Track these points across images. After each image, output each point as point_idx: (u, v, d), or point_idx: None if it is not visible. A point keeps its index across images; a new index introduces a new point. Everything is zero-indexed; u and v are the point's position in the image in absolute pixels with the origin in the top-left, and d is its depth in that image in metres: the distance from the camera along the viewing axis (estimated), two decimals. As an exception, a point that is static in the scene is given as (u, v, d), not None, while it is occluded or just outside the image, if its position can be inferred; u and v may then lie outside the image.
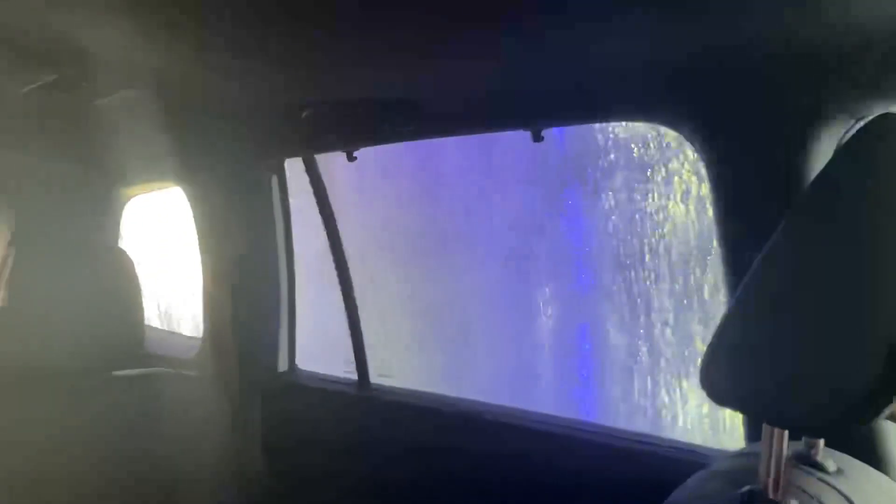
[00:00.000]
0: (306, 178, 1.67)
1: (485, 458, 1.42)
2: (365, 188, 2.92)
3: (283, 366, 1.81)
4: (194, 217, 1.74)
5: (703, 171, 1.12)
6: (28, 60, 1.17)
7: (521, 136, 1.35)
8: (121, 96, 1.38)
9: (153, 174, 1.87)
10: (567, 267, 2.91)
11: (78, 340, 1.40)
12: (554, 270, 2.92)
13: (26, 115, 1.48)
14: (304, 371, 1.84)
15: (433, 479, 1.49)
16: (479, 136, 1.75)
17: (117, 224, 2.05)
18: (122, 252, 1.51)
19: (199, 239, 1.74)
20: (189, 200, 1.74)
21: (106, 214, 2.00)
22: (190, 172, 1.71)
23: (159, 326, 2.86)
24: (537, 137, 1.31)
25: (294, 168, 1.72)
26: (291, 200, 1.78)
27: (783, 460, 0.63)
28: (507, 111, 1.32)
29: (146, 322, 1.56)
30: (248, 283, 1.74)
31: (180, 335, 2.21)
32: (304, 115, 1.49)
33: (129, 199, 2.04)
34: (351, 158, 1.55)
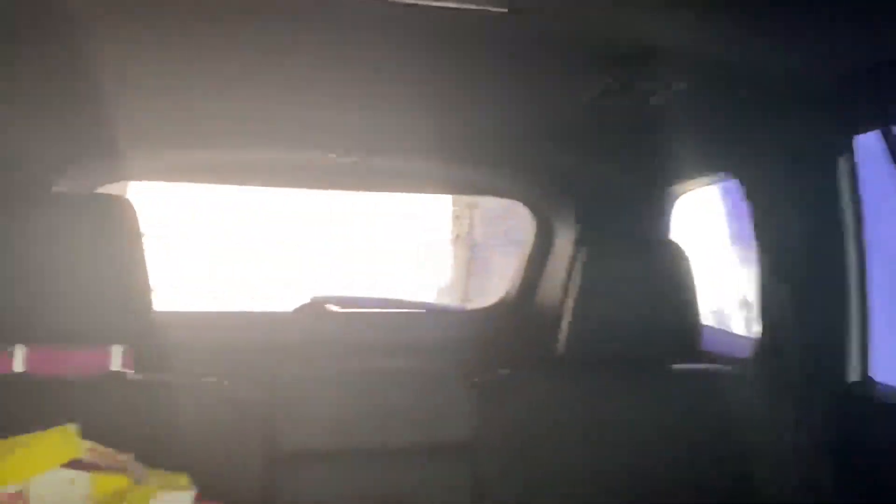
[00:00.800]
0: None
1: None
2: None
3: (854, 375, 1.57)
4: (749, 209, 1.64)
5: None
6: (593, 66, 1.25)
7: None
8: (673, 91, 1.37)
9: (705, 168, 1.84)
10: None
11: (638, 332, 1.46)
12: None
13: (587, 121, 1.60)
14: (884, 384, 1.56)
15: None
16: None
17: (668, 220, 2.09)
18: (678, 247, 1.51)
19: (756, 232, 1.63)
20: (743, 191, 1.65)
21: (658, 211, 2.06)
22: (744, 162, 1.62)
23: (709, 324, 2.83)
24: None
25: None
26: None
27: None
28: None
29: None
30: (812, 280, 1.55)
31: (732, 333, 2.13)
32: (878, 77, 1.26)
33: (679, 195, 2.05)
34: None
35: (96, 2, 1.01)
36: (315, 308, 2.50)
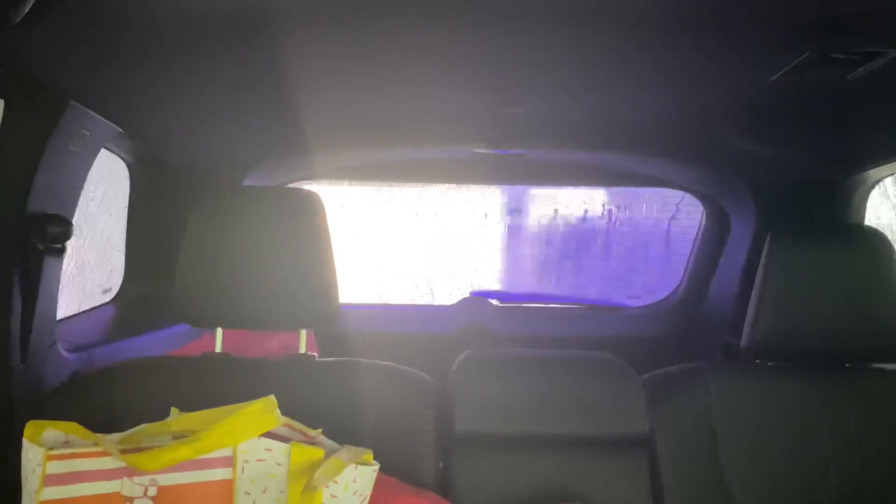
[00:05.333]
0: None
1: None
2: None
3: None
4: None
5: None
6: (786, 37, 1.14)
7: None
8: (879, 64, 1.23)
9: None
10: None
11: (834, 327, 1.35)
12: None
13: (771, 100, 1.48)
14: None
15: None
16: None
17: (863, 208, 1.91)
18: (880, 233, 1.38)
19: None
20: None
21: (851, 199, 1.89)
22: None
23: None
24: None
25: None
26: None
27: None
28: None
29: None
30: None
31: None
32: None
33: (875, 181, 1.87)
34: None
35: (286, 16, 1.06)
36: (476, 302, 2.53)
